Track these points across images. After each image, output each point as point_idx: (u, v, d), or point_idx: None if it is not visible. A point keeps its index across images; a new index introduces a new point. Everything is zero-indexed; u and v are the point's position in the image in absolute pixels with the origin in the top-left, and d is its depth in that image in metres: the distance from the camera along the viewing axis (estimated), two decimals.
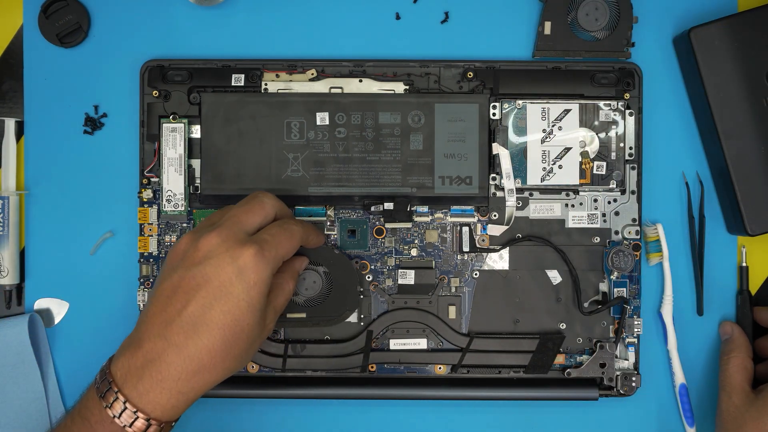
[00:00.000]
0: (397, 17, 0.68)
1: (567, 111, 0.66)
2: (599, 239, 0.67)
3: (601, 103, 0.66)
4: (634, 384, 0.67)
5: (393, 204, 0.65)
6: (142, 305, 0.66)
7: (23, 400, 0.66)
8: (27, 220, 0.68)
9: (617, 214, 0.67)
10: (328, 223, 0.67)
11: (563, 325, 0.67)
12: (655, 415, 0.69)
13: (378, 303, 0.67)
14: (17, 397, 0.66)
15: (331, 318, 0.64)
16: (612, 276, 0.66)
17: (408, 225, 0.66)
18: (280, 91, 0.66)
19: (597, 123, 0.66)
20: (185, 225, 0.67)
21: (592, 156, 0.66)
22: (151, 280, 0.66)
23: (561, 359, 0.67)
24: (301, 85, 0.66)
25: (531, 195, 0.67)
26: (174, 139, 0.66)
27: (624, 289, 0.67)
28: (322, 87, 0.66)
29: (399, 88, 0.66)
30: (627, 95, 0.66)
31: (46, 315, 0.68)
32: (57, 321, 0.68)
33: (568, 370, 0.67)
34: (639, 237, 0.67)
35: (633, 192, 0.67)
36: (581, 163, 0.66)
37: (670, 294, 0.67)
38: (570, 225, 0.67)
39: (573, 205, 0.67)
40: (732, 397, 0.64)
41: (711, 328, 0.69)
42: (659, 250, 0.67)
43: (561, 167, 0.66)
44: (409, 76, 0.67)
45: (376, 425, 0.68)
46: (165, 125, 0.66)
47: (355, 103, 0.65)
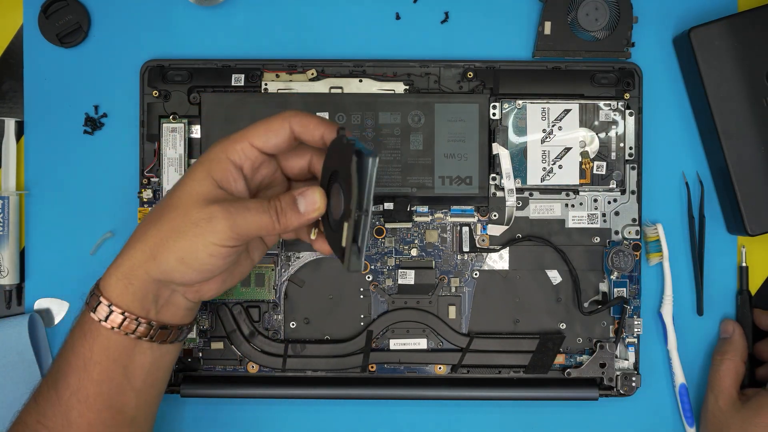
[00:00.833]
0: (397, 17, 0.68)
1: (567, 111, 0.66)
2: (599, 239, 0.67)
3: (601, 103, 0.66)
4: (634, 384, 0.67)
5: (393, 204, 0.65)
6: None
7: (23, 400, 0.66)
8: (27, 220, 0.68)
9: (617, 214, 0.67)
10: None
11: (563, 325, 0.67)
12: (655, 415, 0.69)
13: (378, 303, 0.67)
14: (17, 397, 0.66)
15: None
16: (612, 276, 0.66)
17: (408, 225, 0.66)
18: (280, 91, 0.66)
19: (597, 123, 0.66)
20: None
21: (592, 156, 0.66)
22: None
23: (561, 359, 0.67)
24: (301, 85, 0.66)
25: (531, 195, 0.67)
26: (174, 139, 0.66)
27: (624, 289, 0.67)
28: (322, 87, 0.66)
29: (399, 88, 0.66)
30: (627, 95, 0.66)
31: (46, 315, 0.68)
32: (57, 321, 0.68)
33: (568, 370, 0.67)
34: (639, 237, 0.67)
35: (633, 192, 0.67)
36: (581, 163, 0.66)
37: (670, 294, 0.67)
38: (570, 225, 0.67)
39: (573, 205, 0.67)
40: (719, 400, 0.64)
41: (711, 328, 0.69)
42: (659, 250, 0.67)
43: (561, 167, 0.66)
44: (409, 76, 0.67)
45: (376, 425, 0.68)
46: (165, 125, 0.66)
47: (355, 103, 0.65)
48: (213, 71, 0.66)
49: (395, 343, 0.67)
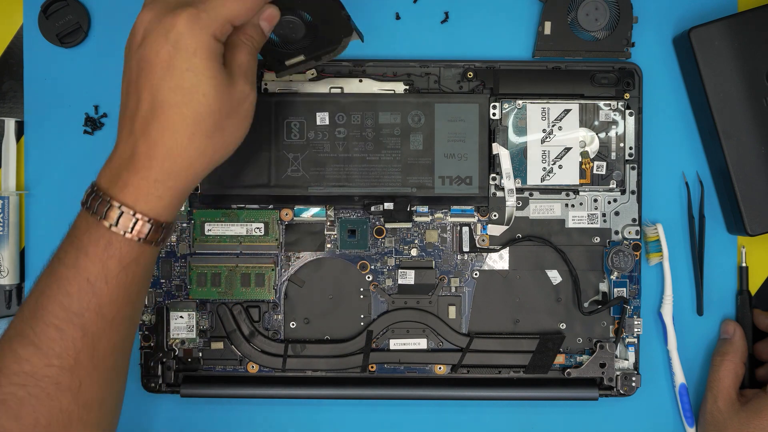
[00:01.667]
0: (397, 17, 0.68)
1: (567, 111, 0.66)
2: (599, 239, 0.67)
3: (601, 103, 0.66)
4: (634, 384, 0.67)
5: (393, 204, 0.65)
6: None
7: None
8: (27, 220, 0.68)
9: (617, 214, 0.67)
10: (328, 223, 0.67)
11: (563, 325, 0.67)
12: (655, 415, 0.69)
13: (378, 303, 0.67)
14: None
15: (331, 48, 0.60)
16: (612, 276, 0.66)
17: (408, 225, 0.66)
18: (280, 91, 0.66)
19: (597, 123, 0.66)
20: (185, 225, 0.67)
21: (592, 156, 0.66)
22: (150, 280, 0.66)
23: (561, 359, 0.67)
24: (301, 85, 0.66)
25: (531, 195, 0.67)
26: None
27: (624, 289, 0.67)
28: (322, 87, 0.66)
29: (399, 88, 0.66)
30: (627, 95, 0.66)
31: None
32: None
33: (568, 370, 0.67)
34: (639, 237, 0.67)
35: (633, 192, 0.67)
36: (581, 163, 0.66)
37: (670, 294, 0.67)
38: (570, 225, 0.67)
39: (573, 205, 0.67)
40: (718, 401, 0.64)
41: (711, 328, 0.69)
42: (659, 250, 0.67)
43: (561, 167, 0.66)
44: (409, 76, 0.67)
45: (376, 425, 0.68)
46: None
47: (355, 103, 0.65)
48: None
49: (395, 343, 0.67)
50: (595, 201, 0.67)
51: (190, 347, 0.67)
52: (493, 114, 0.66)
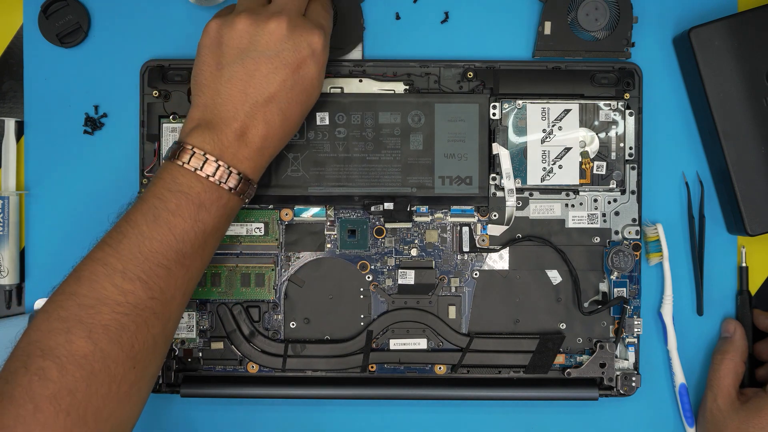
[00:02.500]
0: (397, 17, 0.68)
1: (567, 111, 0.66)
2: (599, 239, 0.67)
3: (601, 103, 0.66)
4: (634, 384, 0.67)
5: (393, 204, 0.65)
6: None
7: None
8: (27, 220, 0.68)
9: (617, 214, 0.67)
10: (328, 223, 0.67)
11: (563, 325, 0.67)
12: (655, 415, 0.69)
13: (378, 303, 0.67)
14: None
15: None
16: (612, 276, 0.67)
17: (408, 225, 0.66)
18: None
19: (597, 123, 0.66)
20: None
21: (592, 156, 0.66)
22: None
23: (561, 359, 0.67)
24: None
25: (531, 195, 0.67)
26: (174, 139, 0.66)
27: (624, 289, 0.67)
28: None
29: (399, 88, 0.66)
30: (627, 95, 0.66)
31: None
32: None
33: (568, 370, 0.67)
34: (639, 237, 0.67)
35: (633, 192, 0.67)
36: (581, 163, 0.66)
37: (670, 294, 0.67)
38: (570, 225, 0.67)
39: (573, 205, 0.67)
40: (718, 400, 0.64)
41: (711, 328, 0.69)
42: (659, 250, 0.67)
43: (561, 167, 0.66)
44: (409, 76, 0.67)
45: (376, 425, 0.68)
46: (165, 125, 0.66)
47: (355, 103, 0.65)
48: None
49: (395, 343, 0.67)
50: (595, 201, 0.67)
51: (190, 347, 0.67)
52: (493, 114, 0.66)
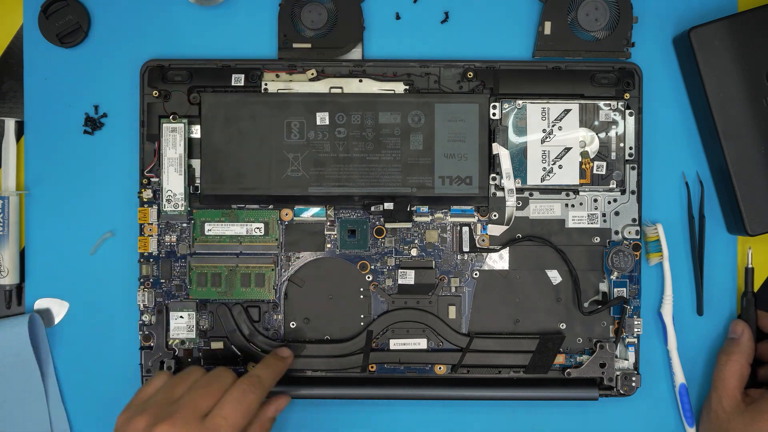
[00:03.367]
0: (397, 17, 0.68)
1: (567, 111, 0.66)
2: (599, 239, 0.67)
3: (601, 103, 0.66)
4: (634, 384, 0.67)
5: (393, 204, 0.65)
6: (142, 305, 0.66)
7: (23, 400, 0.66)
8: (27, 220, 0.68)
9: (617, 214, 0.67)
10: (328, 223, 0.67)
11: (563, 325, 0.67)
12: (655, 415, 0.69)
13: (378, 303, 0.67)
14: (17, 397, 0.66)
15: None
16: (612, 276, 0.67)
17: (408, 225, 0.66)
18: (280, 91, 0.66)
19: (597, 123, 0.66)
20: (185, 225, 0.67)
21: (592, 156, 0.66)
22: (151, 280, 0.66)
23: (561, 359, 0.67)
24: (301, 85, 0.66)
25: (531, 195, 0.67)
26: (174, 139, 0.66)
27: (624, 289, 0.67)
28: (322, 87, 0.66)
29: (399, 88, 0.66)
30: (627, 95, 0.66)
31: (46, 315, 0.68)
32: (57, 321, 0.68)
33: (568, 370, 0.67)
34: (639, 237, 0.67)
35: (633, 192, 0.67)
36: (581, 163, 0.66)
37: (670, 294, 0.67)
38: (570, 225, 0.67)
39: (573, 205, 0.67)
40: (722, 401, 0.64)
41: (711, 328, 0.69)
42: (659, 250, 0.67)
43: (561, 167, 0.66)
44: (409, 76, 0.67)
45: (376, 425, 0.68)
46: (165, 125, 0.66)
47: (355, 103, 0.65)
48: (213, 71, 0.66)
49: (395, 343, 0.67)
50: (595, 201, 0.67)
51: (190, 347, 0.67)
52: (493, 114, 0.66)
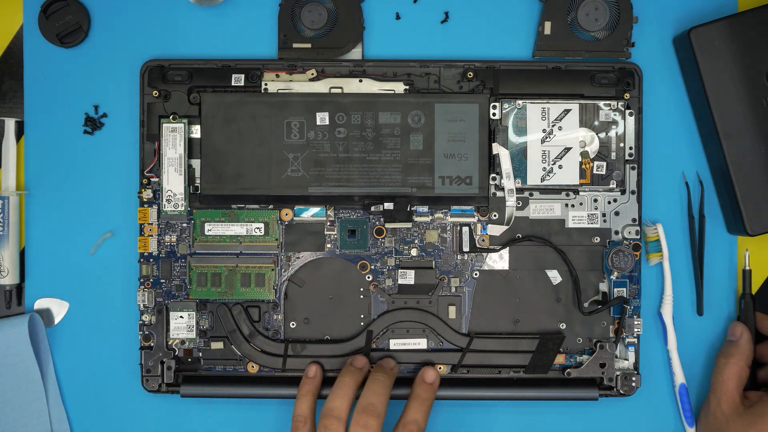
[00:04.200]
0: (397, 17, 0.68)
1: (567, 111, 0.66)
2: (599, 239, 0.67)
3: (601, 103, 0.66)
4: (634, 384, 0.67)
5: (393, 204, 0.65)
6: (142, 305, 0.66)
7: (23, 400, 0.66)
8: (27, 220, 0.68)
9: (617, 214, 0.67)
10: (328, 223, 0.67)
11: (563, 325, 0.67)
12: (655, 415, 0.69)
13: (378, 303, 0.67)
14: (17, 397, 0.66)
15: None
16: (612, 276, 0.67)
17: (408, 225, 0.66)
18: (280, 91, 0.66)
19: (597, 123, 0.66)
20: (185, 225, 0.67)
21: (592, 156, 0.66)
22: (151, 280, 0.66)
23: (561, 359, 0.67)
24: (301, 85, 0.66)
25: (531, 195, 0.67)
26: (174, 139, 0.66)
27: (624, 289, 0.67)
28: (322, 87, 0.66)
29: (399, 88, 0.66)
30: (627, 95, 0.66)
31: (46, 315, 0.68)
32: (57, 321, 0.68)
33: (568, 370, 0.67)
34: (639, 237, 0.67)
35: (633, 192, 0.67)
36: (581, 163, 0.66)
37: (670, 294, 0.67)
38: (570, 225, 0.67)
39: (573, 205, 0.67)
40: (721, 403, 0.64)
41: (711, 328, 0.69)
42: (659, 250, 0.67)
43: (561, 167, 0.66)
44: (409, 76, 0.67)
45: None
46: (165, 125, 0.66)
47: (355, 103, 0.65)
48: (213, 71, 0.66)
49: (395, 343, 0.67)
50: (595, 201, 0.67)
51: (190, 347, 0.67)
52: (493, 114, 0.66)
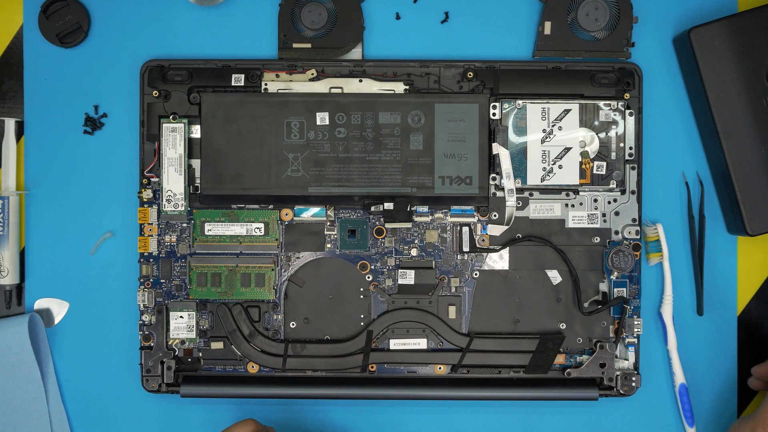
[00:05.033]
0: (397, 17, 0.68)
1: (567, 111, 0.66)
2: (599, 239, 0.67)
3: (601, 103, 0.66)
4: (634, 384, 0.67)
5: (393, 204, 0.65)
6: (142, 305, 0.66)
7: (23, 400, 0.66)
8: (27, 220, 0.68)
9: (617, 214, 0.67)
10: (328, 223, 0.67)
11: (563, 325, 0.67)
12: (655, 415, 0.69)
13: (378, 303, 0.67)
14: (17, 397, 0.66)
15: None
16: (612, 276, 0.67)
17: (408, 225, 0.66)
18: (280, 91, 0.66)
19: (597, 123, 0.66)
20: (185, 225, 0.67)
21: (592, 156, 0.66)
22: (151, 280, 0.66)
23: (561, 359, 0.67)
24: (301, 85, 0.66)
25: (531, 195, 0.67)
26: (174, 139, 0.66)
27: (624, 289, 0.67)
28: (322, 87, 0.66)
29: (399, 88, 0.66)
30: (627, 95, 0.66)
31: (46, 315, 0.68)
32: (57, 321, 0.68)
33: (568, 370, 0.67)
34: (639, 237, 0.67)
35: (633, 192, 0.67)
36: (581, 163, 0.66)
37: (670, 294, 0.67)
38: (570, 225, 0.67)
39: (573, 205, 0.67)
40: (757, 430, 0.61)
41: (711, 328, 0.69)
42: (659, 250, 0.67)
43: (561, 167, 0.66)
44: (409, 76, 0.67)
45: (376, 425, 0.68)
46: (165, 125, 0.66)
47: (355, 103, 0.65)
48: (213, 71, 0.66)
49: (395, 343, 0.67)
50: (595, 201, 0.67)
51: (190, 347, 0.67)
52: (493, 114, 0.66)
